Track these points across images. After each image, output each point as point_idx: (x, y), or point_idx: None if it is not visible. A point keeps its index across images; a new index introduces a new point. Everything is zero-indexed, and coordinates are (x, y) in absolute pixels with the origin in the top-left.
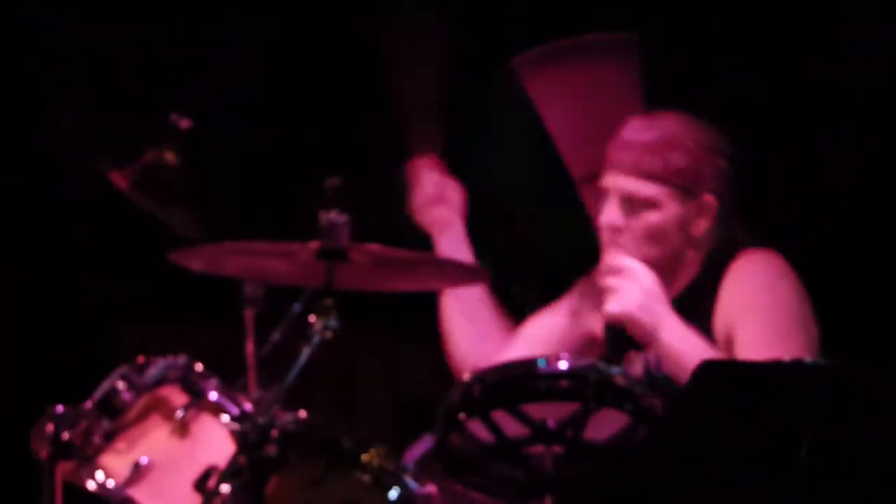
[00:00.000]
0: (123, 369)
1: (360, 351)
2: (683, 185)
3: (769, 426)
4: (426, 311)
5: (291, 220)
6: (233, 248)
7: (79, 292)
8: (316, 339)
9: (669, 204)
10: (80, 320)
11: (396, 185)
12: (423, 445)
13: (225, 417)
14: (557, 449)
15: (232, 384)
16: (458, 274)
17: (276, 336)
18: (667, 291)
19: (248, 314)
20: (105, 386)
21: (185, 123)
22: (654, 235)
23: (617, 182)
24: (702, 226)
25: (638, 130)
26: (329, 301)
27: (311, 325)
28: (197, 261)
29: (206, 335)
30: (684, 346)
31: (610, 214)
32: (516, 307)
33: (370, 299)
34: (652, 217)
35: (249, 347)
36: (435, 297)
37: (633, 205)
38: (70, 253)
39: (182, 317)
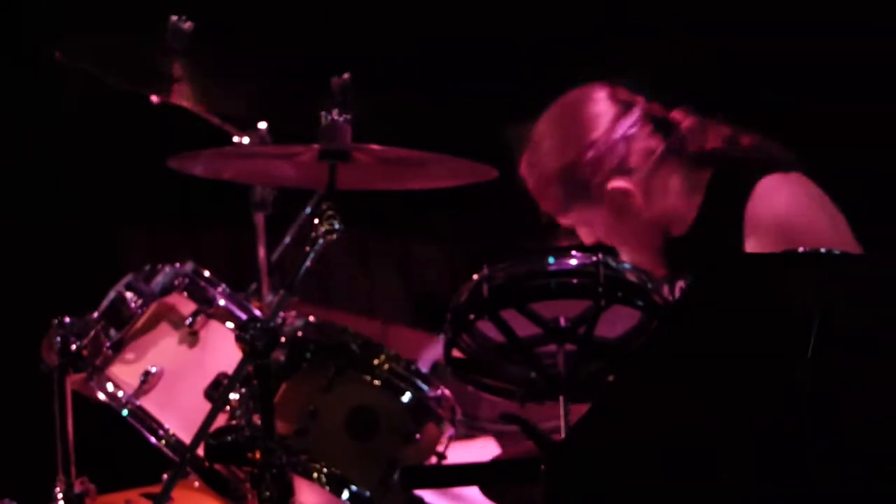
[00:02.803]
0: (130, 278)
1: (374, 251)
2: (578, 202)
3: (777, 318)
4: (440, 209)
5: (297, 120)
6: (234, 153)
7: (85, 198)
8: (320, 243)
9: (592, 214)
10: (85, 227)
11: None
12: (435, 348)
13: (233, 324)
14: (569, 347)
15: (243, 290)
16: (464, 171)
17: (286, 240)
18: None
19: (259, 218)
20: (112, 295)
21: (187, 25)
22: (612, 237)
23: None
24: (636, 201)
25: (526, 179)
26: (327, 205)
27: (315, 228)
28: (198, 166)
29: (216, 240)
30: None
31: (583, 239)
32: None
33: (384, 198)
34: (591, 233)
35: (261, 252)
36: (447, 195)
37: (580, 227)
38: (74, 159)
39: (191, 222)
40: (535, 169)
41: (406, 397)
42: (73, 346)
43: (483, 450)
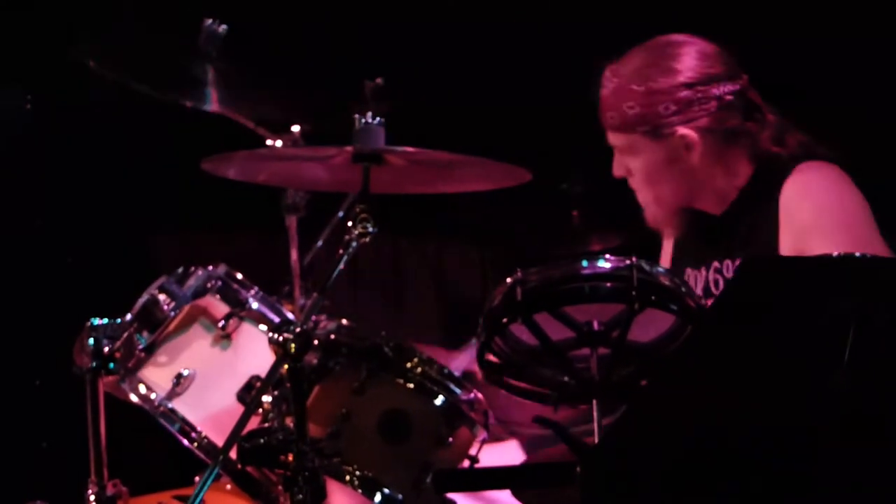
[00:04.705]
0: (163, 280)
1: (407, 255)
2: (645, 129)
3: (812, 323)
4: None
5: (330, 123)
6: (267, 155)
7: (118, 201)
8: (353, 246)
9: (645, 148)
10: (119, 230)
11: None
12: (468, 351)
13: (266, 327)
14: (603, 351)
15: (276, 292)
16: (497, 174)
17: (319, 243)
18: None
19: (291, 221)
20: (144, 297)
21: (221, 29)
22: (648, 178)
23: (608, 137)
24: (694, 157)
25: (603, 84)
26: (361, 208)
27: (348, 231)
28: (231, 169)
29: (249, 243)
30: None
31: (614, 167)
32: (565, 202)
33: (417, 204)
34: (636, 163)
35: (294, 255)
36: (481, 200)
37: (622, 154)
38: (108, 163)
39: (224, 225)
40: (620, 81)
41: (439, 400)
42: (106, 349)
43: (508, 453)
